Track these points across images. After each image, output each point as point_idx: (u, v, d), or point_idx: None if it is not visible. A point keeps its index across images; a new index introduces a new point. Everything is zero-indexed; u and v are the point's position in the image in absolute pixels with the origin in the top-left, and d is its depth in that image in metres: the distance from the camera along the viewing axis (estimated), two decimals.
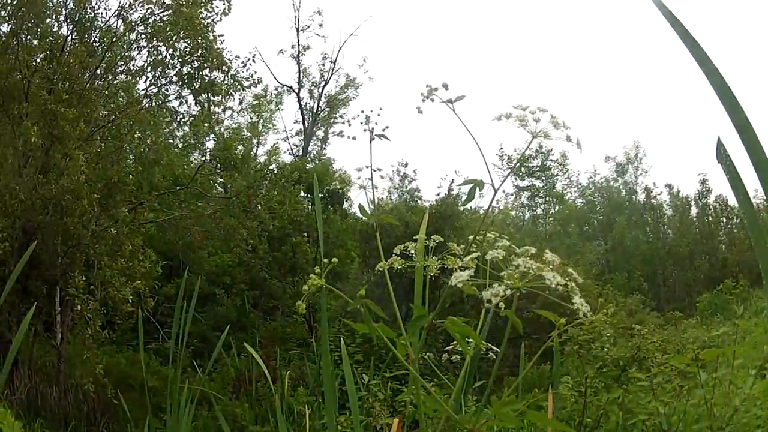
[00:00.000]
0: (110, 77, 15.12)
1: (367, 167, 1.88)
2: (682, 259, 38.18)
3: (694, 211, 41.52)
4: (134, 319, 12.54)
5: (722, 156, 1.76)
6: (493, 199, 1.72)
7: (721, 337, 7.61)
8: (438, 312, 1.65)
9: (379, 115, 26.80)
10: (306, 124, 28.25)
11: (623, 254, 39.54)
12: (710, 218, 40.01)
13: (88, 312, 12.38)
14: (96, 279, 12.80)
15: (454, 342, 2.09)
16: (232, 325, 13.04)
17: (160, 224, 15.85)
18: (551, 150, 40.72)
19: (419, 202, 26.54)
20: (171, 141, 18.08)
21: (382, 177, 1.85)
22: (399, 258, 1.80)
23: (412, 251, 1.81)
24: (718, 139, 1.76)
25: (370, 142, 1.85)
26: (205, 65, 15.42)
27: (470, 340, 1.74)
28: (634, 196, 46.41)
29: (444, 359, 2.28)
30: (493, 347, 2.26)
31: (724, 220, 39.92)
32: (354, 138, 27.35)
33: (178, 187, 16.47)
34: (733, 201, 38.59)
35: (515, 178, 40.54)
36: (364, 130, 1.85)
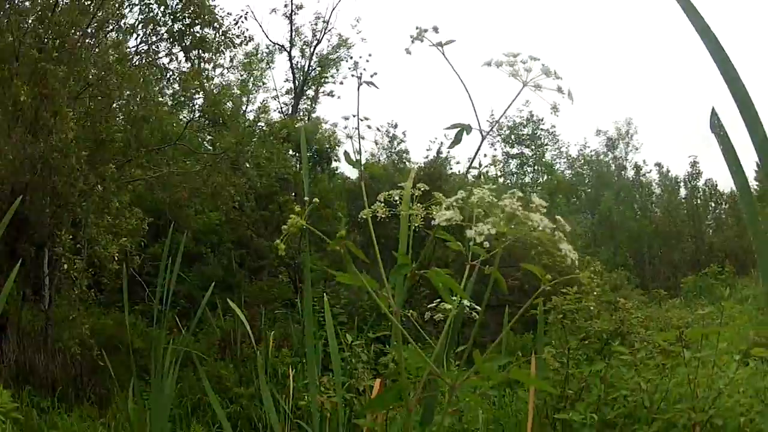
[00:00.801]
0: (101, 35, 14.95)
1: (354, 116, 1.83)
2: (668, 239, 38.33)
3: (683, 192, 41.66)
4: (121, 280, 12.47)
5: (716, 126, 1.72)
6: (480, 145, 1.67)
7: (706, 318, 7.63)
8: (421, 263, 1.61)
9: (368, 61, 26.55)
10: (296, 83, 28.06)
11: (610, 229, 39.65)
12: (699, 201, 40.16)
13: (74, 271, 12.31)
14: (83, 238, 12.74)
15: (438, 300, 2.05)
16: (218, 284, 13.02)
17: (147, 182, 15.74)
18: (542, 119, 40.68)
19: (408, 163, 26.51)
20: (161, 98, 17.91)
21: (369, 127, 1.79)
22: (383, 205, 1.76)
23: (397, 199, 1.77)
24: (712, 108, 1.72)
25: (358, 88, 1.80)
26: (197, 22, 15.27)
27: (454, 294, 1.70)
28: (623, 172, 46.49)
29: (427, 317, 2.24)
30: (476, 306, 2.22)
31: (713, 204, 40.11)
32: (340, 83, 27.10)
33: (165, 145, 16.36)
34: (722, 186, 38.77)
35: (504, 145, 40.46)
36: (352, 75, 1.81)
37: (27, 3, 13.94)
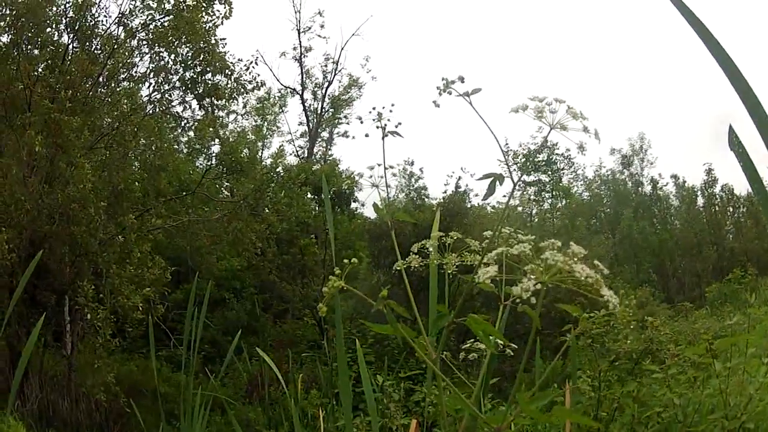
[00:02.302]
0: (113, 84, 15.14)
1: (379, 165, 1.86)
2: (690, 250, 38.04)
3: (700, 201, 41.38)
4: (144, 327, 12.52)
5: (734, 143, 1.74)
6: (512, 192, 1.70)
7: (733, 327, 7.58)
8: (459, 310, 1.63)
9: (391, 111, 26.68)
10: (310, 125, 28.21)
11: (631, 246, 39.36)
12: (717, 208, 39.87)
13: (97, 321, 12.38)
14: (105, 287, 12.81)
15: (472, 339, 2.06)
16: (242, 329, 13.01)
17: (168, 230, 15.83)
18: (557, 144, 40.64)
19: (426, 200, 26.46)
20: (176, 147, 18.06)
21: (394, 174, 1.82)
22: (416, 256, 1.78)
23: (430, 249, 1.78)
24: (730, 126, 1.74)
25: (383, 138, 1.83)
26: (208, 69, 15.44)
27: (492, 337, 1.72)
28: (640, 188, 46.21)
29: (461, 357, 2.25)
30: (510, 344, 2.23)
31: (731, 209, 39.79)
32: (365, 135, 27.24)
33: (184, 193, 16.47)
34: (739, 190, 38.47)
35: (521, 173, 40.37)
36: (377, 127, 1.83)
37: (36, 51, 14.13)
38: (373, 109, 26.65)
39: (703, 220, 39.69)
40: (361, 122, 27.99)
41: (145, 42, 15.40)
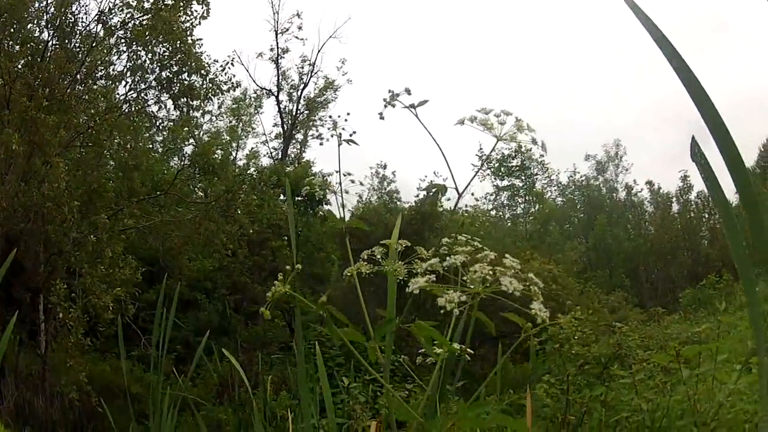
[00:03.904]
0: (90, 82, 15.06)
1: (337, 172, 1.87)
2: (664, 255, 38.31)
3: (675, 207, 41.70)
4: (116, 326, 12.44)
5: (697, 155, 1.76)
6: (457, 202, 1.71)
7: (704, 333, 7.63)
8: (406, 316, 1.64)
9: (346, 120, 26.53)
10: (285, 127, 28.14)
11: (605, 252, 39.62)
12: (692, 214, 40.17)
13: (69, 320, 12.31)
14: (77, 287, 12.74)
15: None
16: (214, 330, 12.97)
17: (140, 230, 15.75)
18: (530, 149, 40.76)
19: (398, 203, 26.51)
20: (150, 146, 17.98)
21: (353, 181, 1.83)
22: (365, 263, 1.79)
23: (379, 256, 1.79)
24: (693, 138, 1.76)
25: (339, 146, 1.84)
26: (184, 69, 15.39)
27: (440, 344, 1.73)
28: (614, 194, 46.58)
29: (419, 361, 2.27)
30: (469, 350, 2.24)
31: (706, 216, 40.09)
32: (327, 140, 27.19)
33: (158, 193, 16.39)
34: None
35: (494, 178, 40.54)
36: (332, 135, 1.85)
37: (17, 47, 14.03)
38: (329, 117, 26.71)
39: (678, 226, 39.93)
40: (335, 125, 27.89)
41: (123, 40, 15.36)
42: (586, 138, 77.11)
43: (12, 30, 13.87)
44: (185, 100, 15.97)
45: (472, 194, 30.34)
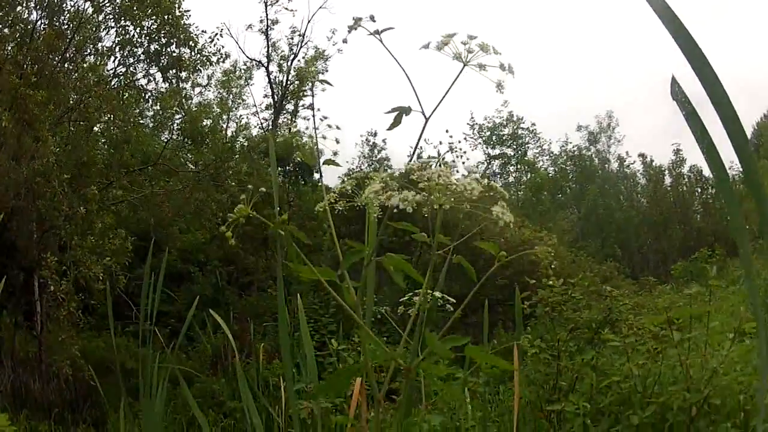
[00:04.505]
0: (79, 59, 14.97)
1: (310, 111, 1.83)
2: (656, 228, 38.34)
3: (668, 180, 41.65)
4: (109, 301, 12.42)
5: (677, 93, 1.72)
6: (424, 128, 1.65)
7: (695, 297, 7.60)
8: (379, 251, 1.60)
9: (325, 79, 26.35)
10: (275, 98, 27.95)
11: (597, 222, 39.63)
12: (685, 188, 40.16)
13: (61, 293, 12.29)
14: (68, 259, 12.73)
15: (409, 294, 2.04)
16: (207, 302, 12.94)
17: (131, 203, 15.71)
18: (522, 118, 40.63)
19: (389, 170, 26.50)
20: (141, 121, 17.91)
21: (329, 126, 1.78)
22: (335, 194, 1.75)
23: (349, 188, 1.75)
24: (672, 77, 1.72)
25: (312, 87, 1.79)
26: (172, 41, 15.30)
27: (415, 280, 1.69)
28: (606, 165, 46.51)
29: (400, 311, 2.23)
30: (449, 298, 2.20)
31: (699, 190, 40.09)
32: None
33: (147, 165, 16.36)
34: (708, 172, 38.74)
35: (486, 147, 40.38)
36: (312, 79, 1.79)
37: (6, 30, 13.93)
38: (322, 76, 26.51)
39: (670, 199, 39.93)
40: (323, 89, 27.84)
41: (111, 16, 15.26)
42: (579, 108, 77.18)
43: (2, 13, 13.78)
44: (174, 71, 15.92)
45: (463, 163, 30.25)
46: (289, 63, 28.05)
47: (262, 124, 28.66)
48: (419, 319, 1.88)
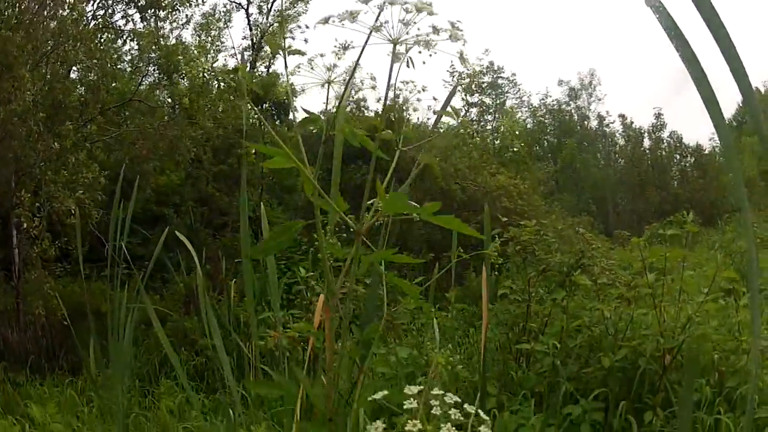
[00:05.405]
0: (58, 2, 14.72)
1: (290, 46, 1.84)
2: (632, 189, 38.46)
3: (647, 143, 41.69)
4: (88, 248, 12.36)
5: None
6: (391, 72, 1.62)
7: (671, 239, 7.58)
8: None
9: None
10: (254, 39, 27.67)
11: (573, 176, 39.67)
12: (663, 152, 40.26)
13: (34, 230, 12.21)
14: (41, 196, 12.63)
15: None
16: (182, 243, 12.86)
17: (107, 143, 15.56)
18: (502, 67, 40.46)
19: (366, 112, 26.30)
20: (119, 66, 17.68)
21: (301, 53, 1.79)
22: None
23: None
24: None
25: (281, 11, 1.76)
26: None
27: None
28: (586, 122, 46.35)
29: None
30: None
31: (678, 156, 40.24)
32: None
33: (123, 102, 16.23)
34: (687, 139, 38.89)
35: (465, 94, 40.08)
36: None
37: None
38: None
39: (648, 162, 40.05)
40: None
41: None
42: (562, 64, 77.07)
43: None
44: (152, 11, 15.70)
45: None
46: (269, 5, 27.76)
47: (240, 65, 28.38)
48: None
